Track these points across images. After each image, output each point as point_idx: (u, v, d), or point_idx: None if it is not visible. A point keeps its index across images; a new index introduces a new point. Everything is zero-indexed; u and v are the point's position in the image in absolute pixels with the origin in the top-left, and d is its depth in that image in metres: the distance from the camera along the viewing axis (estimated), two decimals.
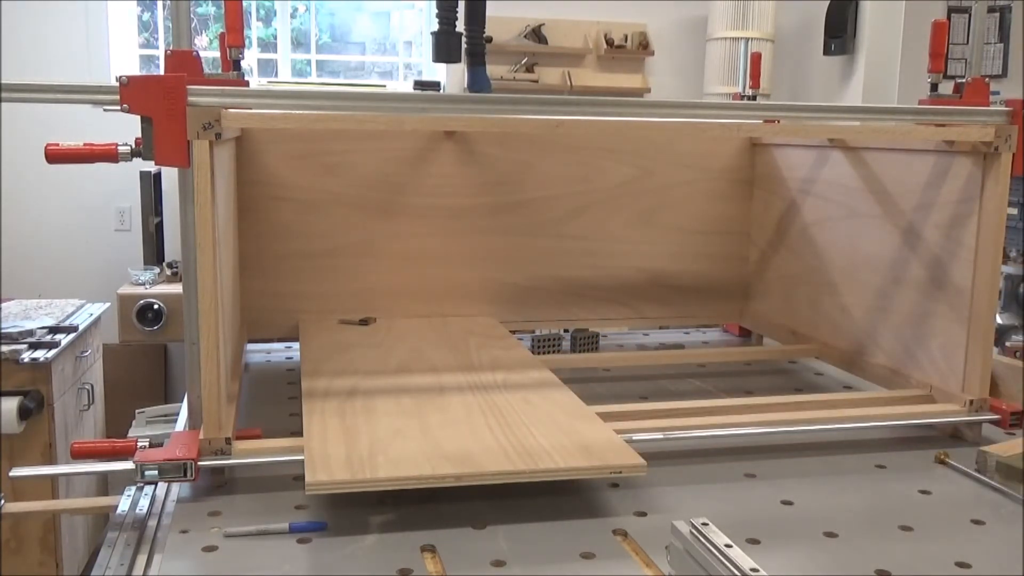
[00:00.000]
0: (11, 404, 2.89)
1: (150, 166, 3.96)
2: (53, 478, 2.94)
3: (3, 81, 1.22)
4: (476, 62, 2.34)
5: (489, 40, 2.44)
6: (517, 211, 2.11)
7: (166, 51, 1.32)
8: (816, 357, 2.06)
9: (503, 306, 2.13)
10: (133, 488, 1.36)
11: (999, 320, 3.74)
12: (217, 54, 1.73)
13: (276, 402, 1.82)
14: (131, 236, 4.43)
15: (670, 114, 1.51)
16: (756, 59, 2.22)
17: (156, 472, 1.28)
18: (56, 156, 1.28)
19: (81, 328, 3.33)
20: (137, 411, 3.72)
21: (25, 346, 3.03)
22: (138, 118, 1.25)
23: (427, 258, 2.08)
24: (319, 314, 2.04)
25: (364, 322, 2.03)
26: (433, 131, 2.03)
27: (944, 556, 1.18)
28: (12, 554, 3.07)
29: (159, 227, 4.22)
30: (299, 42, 4.96)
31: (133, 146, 1.27)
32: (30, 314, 3.42)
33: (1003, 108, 1.55)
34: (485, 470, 1.20)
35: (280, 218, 2.00)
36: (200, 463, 1.29)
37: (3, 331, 3.06)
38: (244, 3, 2.05)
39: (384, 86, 5.05)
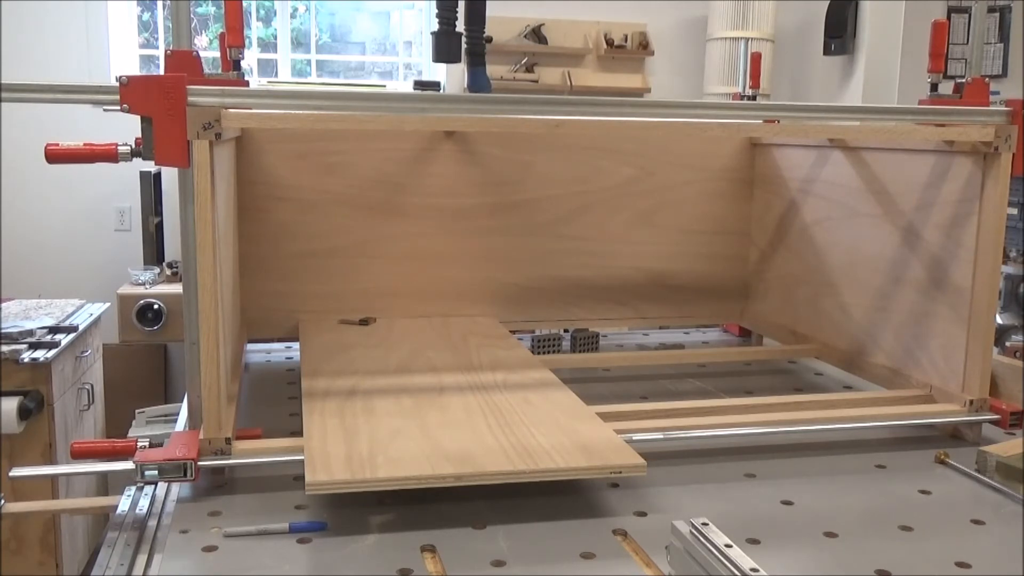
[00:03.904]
0: (11, 404, 2.89)
1: (150, 166, 3.96)
2: (53, 478, 2.94)
3: (3, 81, 1.22)
4: (476, 62, 2.34)
5: (489, 40, 2.44)
6: (517, 211, 2.11)
7: (166, 51, 1.32)
8: (816, 357, 2.06)
9: (503, 306, 2.13)
10: (133, 488, 1.36)
11: (999, 320, 3.74)
12: (217, 54, 1.73)
13: (276, 402, 1.82)
14: (131, 236, 4.43)
15: (670, 114, 1.51)
16: (756, 59, 2.22)
17: (156, 472, 1.28)
18: (56, 156, 1.28)
19: (81, 328, 3.33)
20: (137, 411, 3.72)
21: (25, 346, 3.03)
22: (138, 118, 1.25)
23: (427, 258, 2.08)
24: (319, 314, 2.04)
25: (364, 322, 2.03)
26: (433, 131, 2.03)
27: (944, 556, 1.18)
28: (12, 554, 3.07)
29: (159, 227, 4.22)
30: (299, 42, 4.96)
31: (133, 146, 1.27)
32: (30, 314, 3.42)
33: (1003, 108, 1.55)
34: (485, 470, 1.20)
35: (280, 218, 2.00)
36: (200, 463, 1.29)
37: (3, 331, 3.06)
38: (244, 3, 2.05)
39: (384, 86, 5.05)
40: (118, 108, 1.23)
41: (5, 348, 2.98)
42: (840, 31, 4.69)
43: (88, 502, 2.04)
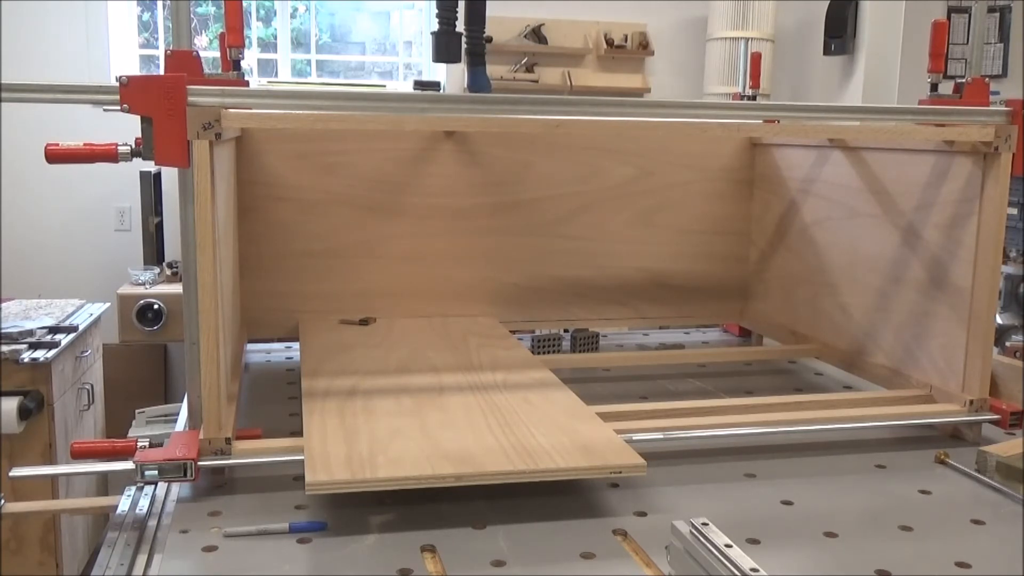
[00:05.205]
0: (11, 404, 2.89)
1: (150, 166, 3.96)
2: (53, 478, 2.94)
3: (3, 81, 1.22)
4: (476, 62, 2.34)
5: (489, 40, 2.44)
6: (517, 211, 2.11)
7: (166, 51, 1.32)
8: (816, 357, 2.06)
9: (503, 306, 2.13)
10: (133, 488, 1.36)
11: (999, 320, 3.74)
12: (217, 54, 1.73)
13: (276, 402, 1.82)
14: (131, 236, 4.43)
15: (670, 114, 1.51)
16: (756, 59, 2.22)
17: (156, 472, 1.28)
18: (56, 156, 1.28)
19: (81, 328, 3.33)
20: (137, 411, 3.72)
21: (25, 346, 3.03)
22: (138, 118, 1.25)
23: (427, 258, 2.08)
24: (319, 314, 2.04)
25: (364, 322, 2.03)
26: (433, 131, 2.03)
27: (944, 556, 1.18)
28: (12, 554, 3.07)
29: (159, 227, 4.22)
30: (299, 42, 4.96)
31: (133, 146, 1.27)
32: (30, 314, 3.42)
33: (1003, 108, 1.55)
34: (485, 470, 1.20)
35: (280, 218, 2.00)
36: (200, 463, 1.29)
37: (3, 331, 3.06)
38: (244, 3, 2.05)
39: (384, 86, 5.05)
40: (118, 108, 1.23)
41: (5, 348, 2.98)
42: (840, 31, 4.69)
43: (88, 502, 2.04)
